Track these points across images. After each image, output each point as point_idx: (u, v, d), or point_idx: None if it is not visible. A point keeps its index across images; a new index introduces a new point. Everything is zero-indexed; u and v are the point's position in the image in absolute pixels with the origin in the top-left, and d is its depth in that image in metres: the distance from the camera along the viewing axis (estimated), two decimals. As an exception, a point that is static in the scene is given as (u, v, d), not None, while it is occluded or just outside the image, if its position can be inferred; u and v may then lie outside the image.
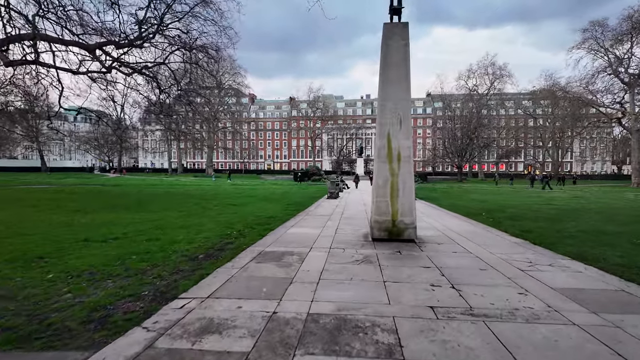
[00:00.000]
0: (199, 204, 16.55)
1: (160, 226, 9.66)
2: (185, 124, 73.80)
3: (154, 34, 18.21)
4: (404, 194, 7.40)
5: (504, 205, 16.84)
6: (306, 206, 15.70)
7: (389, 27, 7.60)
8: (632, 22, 43.71)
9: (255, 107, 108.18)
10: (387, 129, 7.50)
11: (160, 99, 22.00)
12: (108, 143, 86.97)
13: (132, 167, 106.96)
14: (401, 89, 7.49)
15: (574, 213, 14.14)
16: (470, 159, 69.64)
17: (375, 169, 7.70)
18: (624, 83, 46.26)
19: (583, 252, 6.86)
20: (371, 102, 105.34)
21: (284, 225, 9.69)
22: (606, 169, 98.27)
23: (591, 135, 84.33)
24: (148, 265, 5.74)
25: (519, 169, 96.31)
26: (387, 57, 7.53)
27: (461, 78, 70.80)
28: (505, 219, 11.48)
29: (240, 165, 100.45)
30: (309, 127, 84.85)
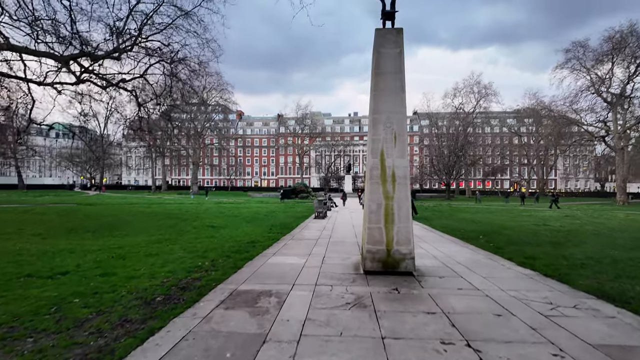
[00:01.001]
0: (176, 226, 15.35)
1: (124, 255, 8.51)
2: (170, 140, 72.62)
3: (132, 45, 17.26)
4: (400, 219, 6.48)
5: (499, 227, 16.09)
6: (292, 228, 14.66)
7: (382, 33, 6.83)
8: (613, 43, 44.75)
9: (243, 123, 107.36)
10: (380, 146, 6.63)
11: (139, 114, 20.87)
12: (90, 160, 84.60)
13: (114, 185, 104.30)
14: (395, 101, 6.67)
15: (574, 235, 13.46)
16: (457, 177, 69.65)
17: (367, 191, 6.79)
18: (607, 102, 47.03)
19: (604, 286, 6.01)
20: (359, 120, 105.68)
21: (265, 254, 8.63)
22: (589, 186, 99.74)
23: (574, 153, 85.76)
24: (90, 312, 4.64)
25: (505, 186, 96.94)
26: (380, 65, 6.73)
27: (447, 96, 71.47)
28: (505, 244, 10.65)
29: (226, 182, 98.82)
30: (297, 144, 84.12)
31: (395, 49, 6.71)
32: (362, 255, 7.08)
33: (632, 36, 43.72)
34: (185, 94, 21.13)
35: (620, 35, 44.38)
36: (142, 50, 18.38)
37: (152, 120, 27.62)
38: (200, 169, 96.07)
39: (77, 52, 16.72)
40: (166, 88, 19.09)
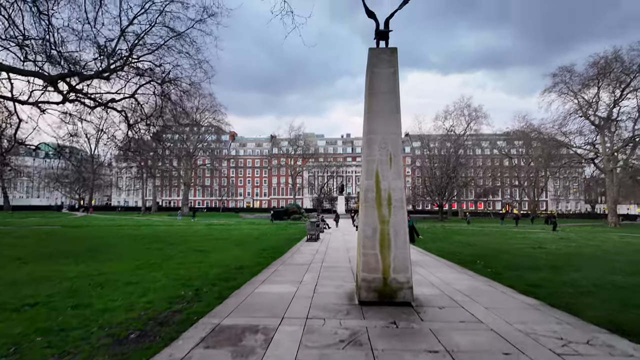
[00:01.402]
0: (162, 250, 14.74)
1: (102, 283, 7.96)
2: (162, 161, 72.07)
3: (122, 66, 17.06)
4: (396, 245, 6.10)
5: (495, 250, 15.74)
6: (283, 252, 14.14)
7: (375, 53, 6.64)
8: (598, 68, 46.00)
9: (236, 144, 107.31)
10: (374, 167, 6.32)
11: (129, 135, 20.50)
12: (79, 180, 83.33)
13: (104, 206, 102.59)
14: (390, 122, 6.42)
15: (572, 259, 13.15)
16: (450, 198, 69.73)
17: (362, 214, 6.42)
18: (595, 125, 47.89)
19: (614, 318, 5.65)
20: (351, 141, 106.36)
21: (253, 281, 8.13)
22: (580, 208, 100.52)
23: (564, 175, 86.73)
24: (53, 354, 4.12)
25: (497, 207, 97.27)
26: (374, 85, 6.51)
27: (438, 119, 72.34)
28: (503, 269, 10.28)
29: (218, 203, 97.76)
30: (289, 165, 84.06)
31: (389, 68, 6.51)
32: (356, 284, 6.65)
33: (617, 62, 45.01)
34: (177, 114, 20.86)
35: (605, 60, 45.68)
36: (133, 71, 18.18)
37: (143, 141, 27.24)
38: (192, 190, 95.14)
39: (66, 72, 16.46)
40: (157, 109, 18.81)
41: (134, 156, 54.54)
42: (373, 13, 6.86)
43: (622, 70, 44.68)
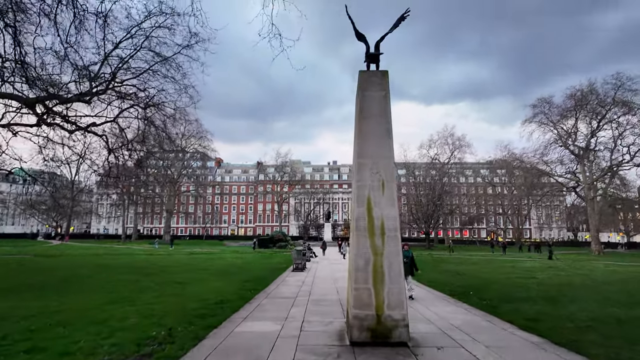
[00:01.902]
0: (138, 281, 13.84)
1: (65, 321, 7.18)
2: (145, 187, 70.49)
3: (105, 89, 16.64)
4: (391, 279, 5.64)
5: (486, 280, 15.35)
6: (267, 283, 13.42)
7: (366, 76, 6.42)
8: (575, 100, 47.74)
9: (222, 170, 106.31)
10: (366, 193, 5.95)
11: (109, 161, 19.81)
12: (56, 207, 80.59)
13: (82, 234, 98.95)
14: (382, 146, 6.11)
15: (565, 290, 12.84)
16: (436, 225, 69.76)
17: (353, 244, 5.97)
18: (574, 155, 49.13)
19: (621, 357, 5.25)
20: (338, 168, 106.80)
21: (234, 318, 7.47)
22: (562, 236, 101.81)
23: (546, 204, 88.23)
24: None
25: (482, 235, 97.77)
26: (365, 109, 6.24)
27: (423, 147, 73.43)
28: (499, 301, 9.84)
29: (201, 230, 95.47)
30: (276, 192, 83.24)
31: (380, 91, 6.28)
32: (347, 321, 6.10)
33: (592, 94, 46.85)
34: (161, 140, 20.33)
35: (581, 93, 47.50)
36: (115, 94, 17.76)
37: (125, 167, 26.46)
38: (174, 217, 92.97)
39: (45, 95, 15.93)
40: (139, 133, 18.29)
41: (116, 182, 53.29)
42: (363, 36, 6.70)
43: (598, 103, 46.42)
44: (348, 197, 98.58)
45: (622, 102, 44.32)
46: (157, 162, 61.50)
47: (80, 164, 67.19)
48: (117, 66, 16.55)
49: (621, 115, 45.54)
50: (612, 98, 44.86)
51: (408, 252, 10.51)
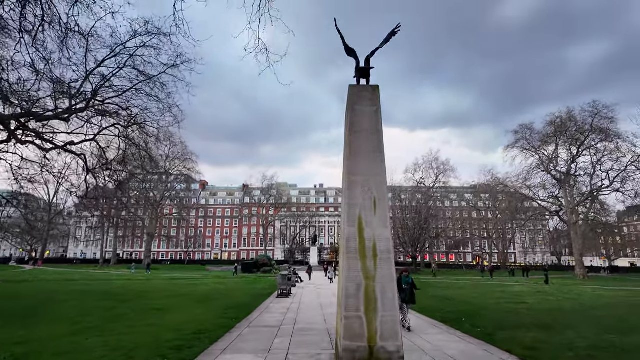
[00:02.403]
0: (113, 309, 12.95)
1: (25, 354, 6.46)
2: (126, 210, 68.50)
3: (84, 107, 16.12)
4: (384, 306, 5.20)
5: (477, 306, 14.93)
6: (250, 310, 12.70)
7: (356, 91, 6.18)
8: (555, 127, 49.12)
9: (206, 193, 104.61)
10: (357, 212, 5.58)
11: (87, 181, 19.05)
12: (31, 230, 77.43)
13: (58, 258, 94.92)
14: (374, 162, 5.81)
15: (557, 315, 12.52)
16: (422, 249, 69.49)
17: (344, 267, 5.54)
18: (556, 179, 50.08)
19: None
20: (324, 191, 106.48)
21: (212, 350, 6.82)
22: (546, 260, 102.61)
23: (529, 228, 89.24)
24: None
25: (467, 259, 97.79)
26: (355, 124, 5.97)
27: (408, 171, 73.98)
28: (493, 328, 9.41)
29: (184, 255, 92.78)
30: (261, 215, 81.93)
31: (371, 107, 6.03)
32: (336, 354, 5.60)
33: (571, 121, 48.34)
34: (143, 161, 19.70)
35: (560, 120, 48.97)
36: (96, 112, 17.24)
37: (103, 189, 25.58)
38: (156, 241, 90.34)
39: (21, 112, 15.32)
40: (119, 153, 17.68)
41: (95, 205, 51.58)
42: (353, 50, 6.52)
43: (577, 129, 47.82)
44: (335, 220, 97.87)
45: (600, 129, 45.78)
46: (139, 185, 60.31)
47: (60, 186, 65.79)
48: (98, 84, 16.10)
49: (599, 141, 46.96)
50: (590, 125, 46.31)
51: (408, 278, 9.86)
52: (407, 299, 9.51)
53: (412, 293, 9.87)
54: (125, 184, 32.81)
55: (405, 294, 9.47)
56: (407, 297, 9.49)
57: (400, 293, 8.96)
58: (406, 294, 9.49)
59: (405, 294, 9.47)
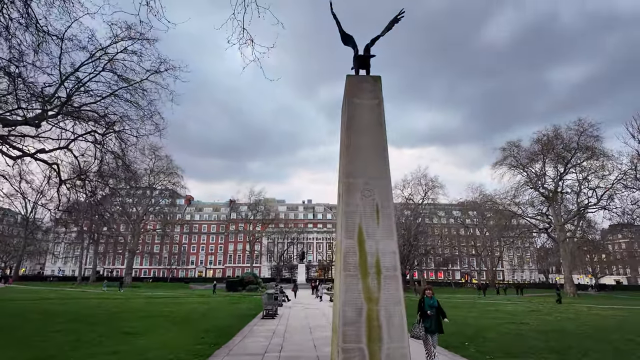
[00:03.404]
0: (77, 333, 11.59)
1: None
2: (107, 225, 66.05)
3: (57, 113, 15.03)
4: (390, 335, 4.26)
5: (476, 327, 13.99)
6: (231, 333, 11.51)
7: (354, 82, 5.38)
8: (542, 145, 49.44)
9: (192, 208, 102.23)
10: (357, 222, 4.68)
11: (59, 192, 17.76)
12: (7, 246, 74.01)
13: (34, 275, 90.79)
14: (376, 163, 4.96)
15: (565, 338, 11.65)
16: (412, 267, 68.51)
17: (340, 288, 4.59)
18: (544, 197, 50.10)
19: None
20: (313, 207, 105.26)
21: (182, 386, 5.74)
22: (534, 277, 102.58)
23: (517, 245, 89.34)
24: None
25: (456, 277, 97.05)
26: (354, 118, 5.13)
27: (397, 187, 73.53)
28: (502, 354, 8.51)
29: (167, 272, 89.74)
30: (248, 231, 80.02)
31: (373, 99, 5.22)
32: (331, 394, 4.58)
33: (557, 139, 48.75)
34: (121, 171, 18.49)
35: (547, 138, 49.35)
36: (70, 119, 16.14)
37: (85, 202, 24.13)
38: (138, 258, 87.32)
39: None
40: (95, 162, 16.53)
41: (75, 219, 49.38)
42: (351, 37, 5.75)
43: (563, 147, 48.20)
44: (323, 237, 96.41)
45: (586, 147, 46.20)
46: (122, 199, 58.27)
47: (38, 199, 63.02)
48: (73, 87, 15.07)
49: (585, 159, 47.32)
50: (577, 143, 46.72)
51: (433, 301, 7.64)
52: (433, 327, 7.39)
53: (439, 320, 7.60)
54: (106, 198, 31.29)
55: (431, 322, 7.40)
56: (432, 326, 7.36)
57: (423, 320, 7.40)
58: (431, 321, 7.38)
59: (430, 321, 7.40)
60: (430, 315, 7.41)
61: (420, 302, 7.68)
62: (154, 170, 64.49)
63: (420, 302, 7.68)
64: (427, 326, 7.36)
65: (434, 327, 7.40)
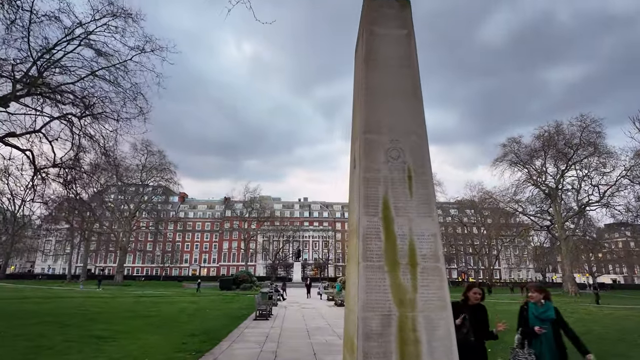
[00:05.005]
0: (42, 336, 10.17)
1: None
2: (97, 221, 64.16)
3: (27, 92, 13.55)
4: (432, 354, 2.91)
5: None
6: (219, 337, 10.14)
7: (375, 6, 3.98)
8: (543, 141, 48.34)
9: (186, 206, 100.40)
10: (380, 193, 3.32)
11: (34, 182, 16.27)
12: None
13: (24, 273, 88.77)
14: (408, 112, 3.60)
15: (590, 340, 10.38)
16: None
17: (357, 285, 3.20)
18: (545, 194, 49.07)
19: None
20: (309, 205, 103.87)
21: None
22: (531, 276, 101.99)
23: (514, 244, 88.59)
24: None
25: (453, 275, 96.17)
26: (374, 52, 3.76)
27: (395, 184, 72.45)
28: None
29: (160, 270, 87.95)
30: (243, 229, 78.34)
31: (400, 29, 3.86)
32: None
33: (559, 135, 47.65)
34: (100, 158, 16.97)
35: (548, 134, 48.25)
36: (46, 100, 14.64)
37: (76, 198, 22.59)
38: (131, 256, 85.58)
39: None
40: (72, 147, 15.03)
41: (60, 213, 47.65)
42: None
43: (565, 143, 47.12)
44: (319, 235, 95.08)
45: (589, 143, 45.17)
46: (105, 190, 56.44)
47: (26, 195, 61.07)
48: (45, 62, 13.58)
49: (588, 155, 46.23)
50: (579, 138, 45.68)
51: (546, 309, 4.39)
52: (546, 354, 4.18)
53: (562, 346, 4.24)
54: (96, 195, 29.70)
55: (540, 345, 4.23)
56: (545, 352, 4.17)
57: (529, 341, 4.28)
58: (548, 345, 4.20)
59: (540, 344, 4.24)
60: (541, 334, 4.19)
61: (522, 311, 4.57)
62: (146, 166, 62.80)
63: (522, 311, 4.57)
64: (538, 351, 4.18)
65: (547, 354, 4.16)
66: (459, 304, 4.37)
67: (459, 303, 4.36)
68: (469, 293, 4.49)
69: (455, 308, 3.84)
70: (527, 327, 4.37)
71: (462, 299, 4.47)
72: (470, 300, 4.41)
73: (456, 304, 4.20)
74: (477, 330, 4.19)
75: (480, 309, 4.42)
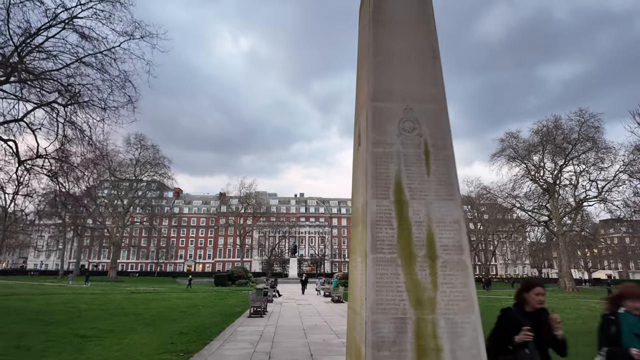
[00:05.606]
0: (23, 335, 9.60)
1: None
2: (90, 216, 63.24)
3: (6, 79, 12.83)
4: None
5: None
6: (210, 336, 9.60)
7: (384, -43, 3.40)
8: (541, 135, 47.94)
9: (180, 201, 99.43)
10: (392, 171, 2.76)
11: (17, 174, 15.58)
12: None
13: (17, 269, 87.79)
14: (423, 78, 3.03)
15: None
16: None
17: (365, 281, 2.64)
18: (543, 189, 48.77)
19: None
20: (305, 201, 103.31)
21: None
22: (527, 272, 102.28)
23: (510, 240, 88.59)
24: None
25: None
26: (383, 8, 3.18)
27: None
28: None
29: (154, 266, 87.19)
30: (238, 224, 77.63)
31: (414, -16, 3.28)
32: None
33: (557, 130, 47.25)
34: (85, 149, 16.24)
35: (546, 129, 47.84)
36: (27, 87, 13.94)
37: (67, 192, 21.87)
38: (125, 252, 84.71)
39: None
40: (57, 136, 14.35)
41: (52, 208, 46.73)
42: None
43: (564, 138, 46.75)
44: (315, 231, 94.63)
45: (587, 137, 44.86)
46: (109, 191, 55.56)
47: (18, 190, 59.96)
48: (24, 47, 12.87)
49: (585, 151, 45.92)
50: (578, 133, 45.35)
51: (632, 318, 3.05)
52: None
53: None
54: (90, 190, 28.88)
55: None
56: None
57: None
58: None
59: None
60: None
61: (608, 324, 3.14)
62: (140, 160, 61.93)
63: (608, 324, 3.14)
64: None
65: None
66: (512, 311, 3.09)
67: (511, 310, 3.10)
68: (527, 294, 3.09)
69: (509, 317, 2.96)
70: (620, 348, 2.97)
71: (516, 303, 3.17)
72: (530, 305, 3.06)
73: (508, 311, 3.08)
74: (544, 348, 2.95)
75: (544, 316, 3.07)
